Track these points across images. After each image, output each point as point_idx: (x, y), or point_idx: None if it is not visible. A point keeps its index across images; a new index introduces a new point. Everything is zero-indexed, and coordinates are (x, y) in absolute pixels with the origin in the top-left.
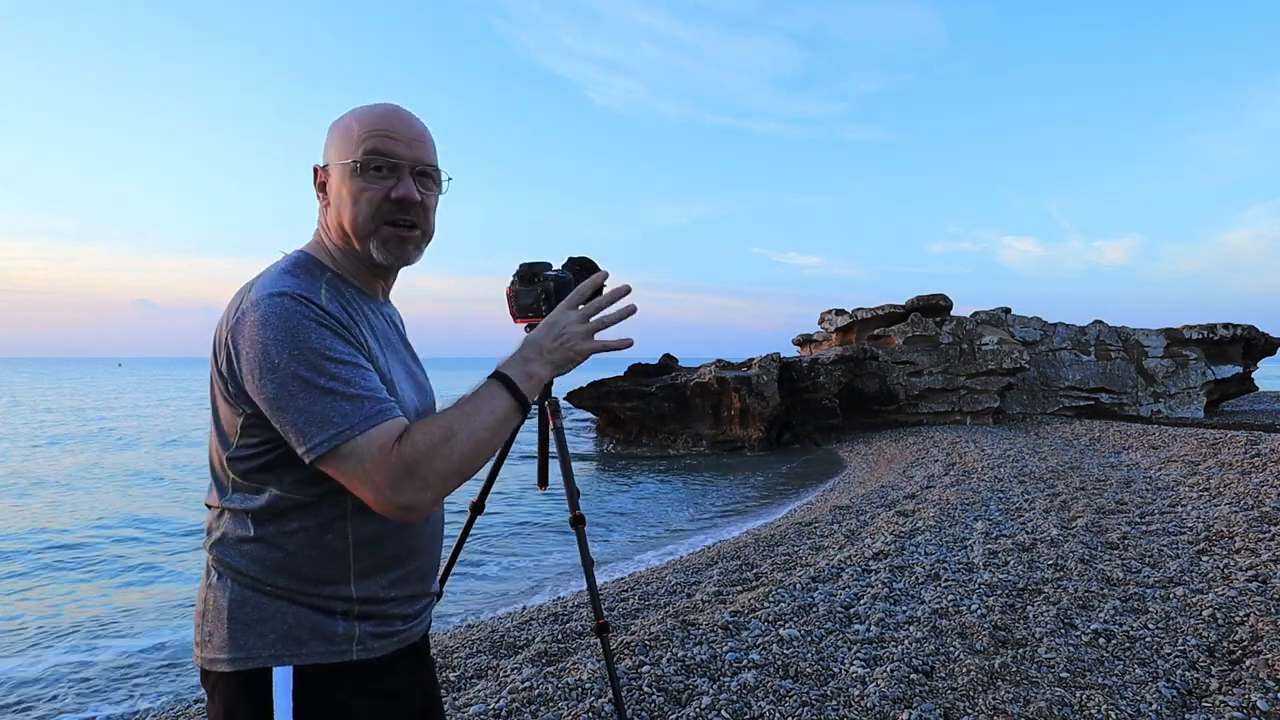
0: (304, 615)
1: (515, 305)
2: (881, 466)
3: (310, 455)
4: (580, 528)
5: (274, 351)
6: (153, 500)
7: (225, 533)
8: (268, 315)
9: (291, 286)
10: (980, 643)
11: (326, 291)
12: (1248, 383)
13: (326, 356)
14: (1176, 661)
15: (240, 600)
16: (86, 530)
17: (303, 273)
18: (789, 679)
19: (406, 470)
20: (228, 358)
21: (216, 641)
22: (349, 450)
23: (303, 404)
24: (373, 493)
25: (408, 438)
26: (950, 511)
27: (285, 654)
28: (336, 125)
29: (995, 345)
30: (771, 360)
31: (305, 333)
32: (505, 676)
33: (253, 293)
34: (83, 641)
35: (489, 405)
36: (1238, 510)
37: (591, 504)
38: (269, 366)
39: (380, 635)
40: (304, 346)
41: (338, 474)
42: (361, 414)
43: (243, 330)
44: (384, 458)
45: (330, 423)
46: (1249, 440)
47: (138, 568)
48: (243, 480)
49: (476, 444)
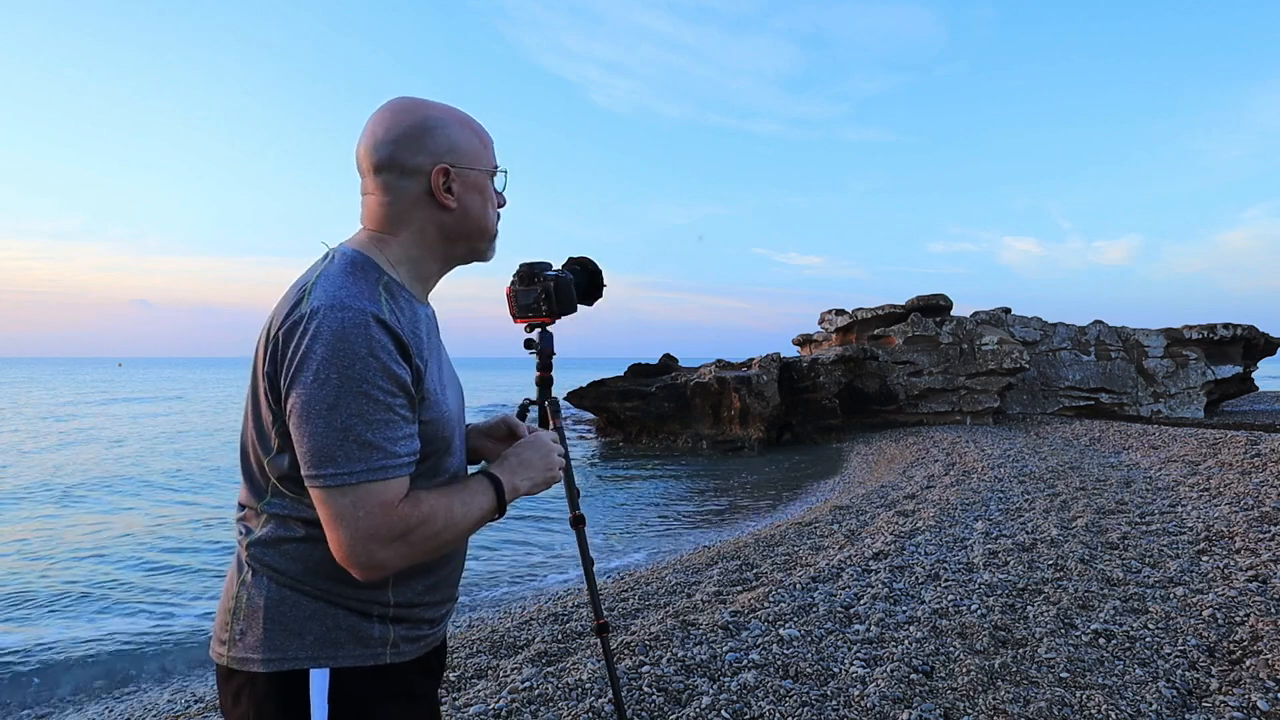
0: (342, 618)
1: (515, 305)
2: (881, 466)
3: (310, 483)
4: (580, 528)
5: (319, 367)
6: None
7: (266, 533)
8: (326, 328)
9: (356, 298)
10: (980, 643)
11: (386, 301)
12: (1248, 383)
13: (363, 391)
14: (1176, 661)
15: (279, 600)
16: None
17: (363, 278)
18: (789, 679)
19: (403, 532)
20: (273, 359)
21: (250, 641)
22: (350, 491)
23: (320, 429)
24: (352, 540)
25: (415, 502)
26: (950, 511)
27: (323, 656)
28: (451, 126)
29: (995, 345)
30: (771, 360)
31: (355, 358)
32: (505, 676)
33: (313, 298)
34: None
35: (479, 502)
36: (1238, 510)
37: (592, 504)
38: (307, 379)
39: (411, 639)
40: (346, 373)
41: (325, 507)
42: (365, 464)
43: (295, 336)
44: (385, 513)
45: (334, 460)
46: (1249, 440)
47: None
48: (283, 485)
49: (457, 533)
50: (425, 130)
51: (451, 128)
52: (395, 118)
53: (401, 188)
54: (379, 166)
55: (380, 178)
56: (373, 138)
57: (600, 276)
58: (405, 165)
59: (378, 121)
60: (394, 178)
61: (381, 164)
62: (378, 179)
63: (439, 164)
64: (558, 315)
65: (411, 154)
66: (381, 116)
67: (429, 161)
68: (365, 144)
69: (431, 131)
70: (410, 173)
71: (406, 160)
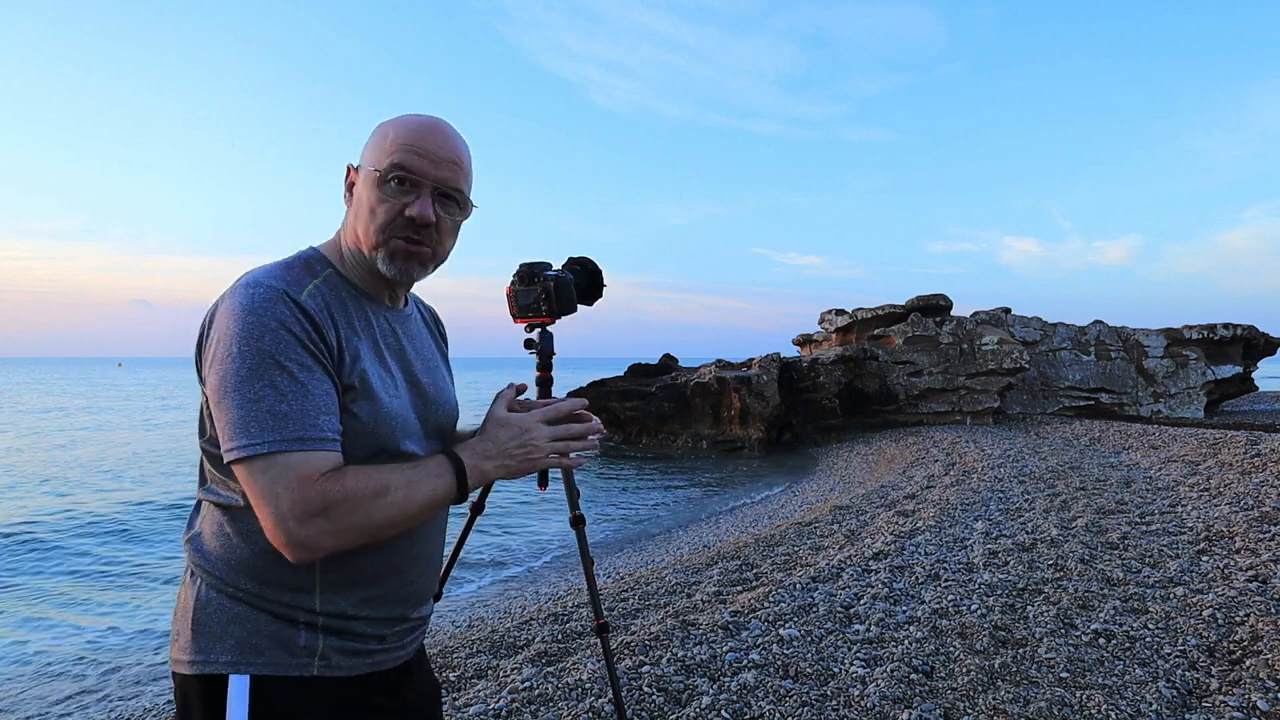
0: (265, 623)
1: (515, 305)
2: (881, 466)
3: (227, 458)
4: (580, 528)
5: (230, 342)
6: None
7: (199, 529)
8: (238, 304)
9: (275, 278)
10: (980, 643)
11: (315, 288)
12: (1248, 383)
13: (275, 361)
14: (1176, 661)
15: (205, 601)
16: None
17: (299, 268)
18: (789, 679)
19: (322, 508)
20: (199, 341)
21: (182, 641)
22: (267, 464)
23: (234, 403)
24: (274, 518)
25: (338, 477)
26: (950, 511)
27: (243, 662)
28: (377, 129)
29: (995, 345)
30: (771, 360)
31: (264, 330)
32: (505, 676)
33: (234, 284)
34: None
35: (431, 484)
36: (1238, 510)
37: (592, 504)
38: (220, 355)
39: (349, 653)
40: (256, 345)
41: (247, 485)
42: (279, 434)
43: (216, 314)
44: (302, 487)
45: (248, 431)
46: (1249, 440)
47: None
48: (216, 471)
49: (402, 513)
50: (371, 134)
51: (377, 131)
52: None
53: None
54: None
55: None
56: None
57: (600, 276)
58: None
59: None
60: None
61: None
62: None
63: (355, 163)
64: (558, 315)
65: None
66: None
67: (354, 164)
68: None
69: (370, 135)
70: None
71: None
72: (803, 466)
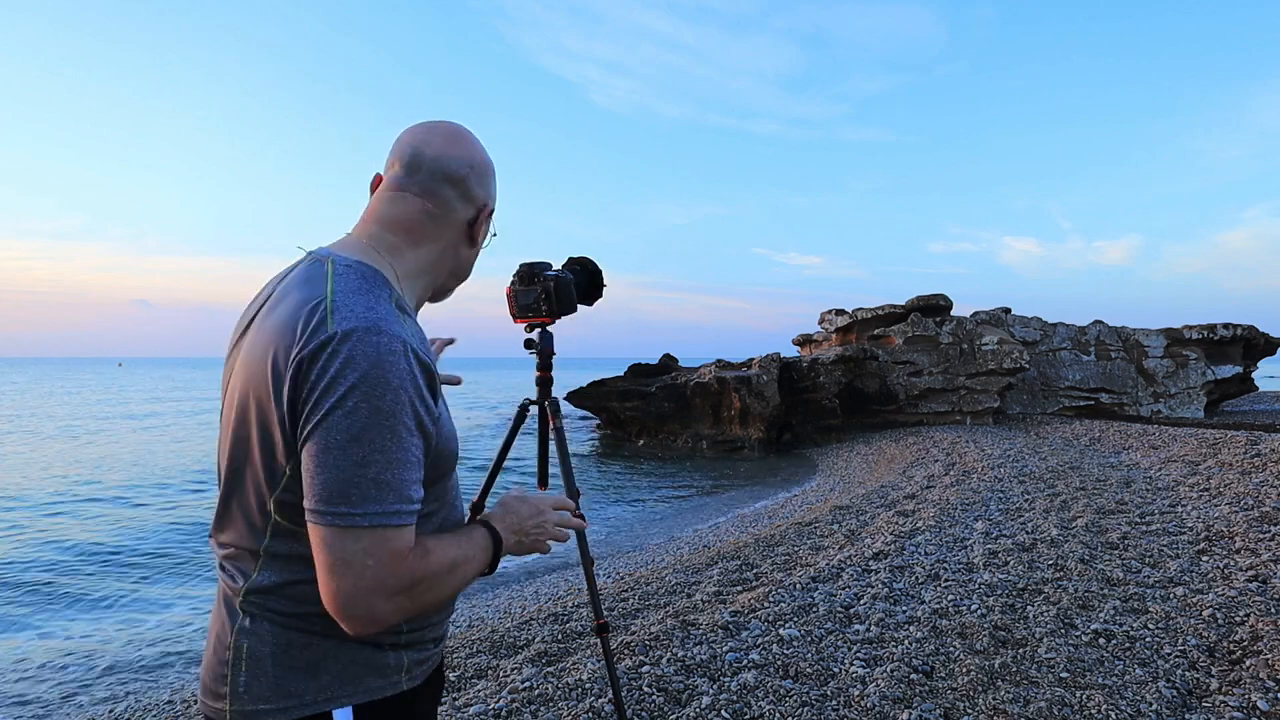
0: (357, 652)
1: (515, 305)
2: (881, 466)
3: (313, 520)
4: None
5: (348, 395)
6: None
7: (267, 578)
8: (360, 354)
9: (388, 322)
10: (980, 643)
11: (412, 325)
12: (1248, 383)
13: (388, 424)
14: (1176, 661)
15: (287, 643)
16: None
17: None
18: (789, 679)
19: (410, 585)
20: (293, 384)
21: (258, 690)
22: (363, 536)
23: (337, 462)
24: (352, 589)
25: (424, 553)
26: (950, 511)
27: (343, 695)
28: (485, 160)
29: (995, 345)
30: (771, 360)
31: (386, 388)
32: (505, 676)
33: (339, 319)
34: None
35: (480, 557)
36: (1238, 510)
37: (591, 504)
38: (333, 408)
39: (420, 661)
40: (377, 405)
41: (325, 550)
42: (380, 506)
43: (323, 359)
44: (395, 564)
45: (347, 499)
46: (1249, 440)
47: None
48: (288, 522)
49: (460, 587)
50: (489, 170)
51: (492, 173)
52: (474, 147)
53: (454, 208)
54: (451, 179)
55: (443, 189)
56: (452, 150)
57: (600, 276)
58: (470, 191)
59: (455, 139)
60: (455, 195)
61: (454, 178)
62: (439, 188)
63: (490, 205)
64: (558, 315)
65: (479, 183)
66: (461, 135)
67: (483, 197)
68: (441, 152)
69: (492, 173)
70: (470, 200)
71: (474, 187)
72: (803, 466)
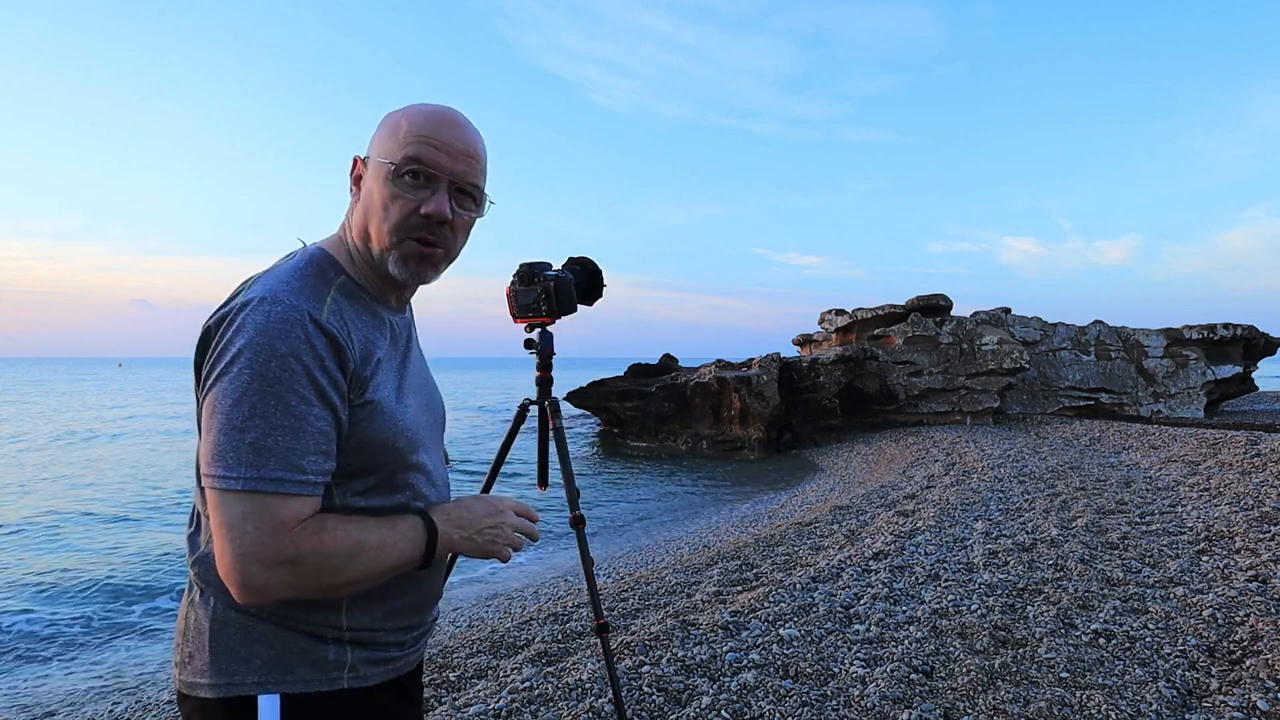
0: (292, 640)
1: (515, 305)
2: (881, 466)
3: (204, 481)
4: (580, 528)
5: (234, 360)
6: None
7: (208, 548)
8: (251, 321)
9: (294, 294)
10: (980, 643)
11: (334, 301)
12: (1248, 383)
13: (274, 391)
14: (1176, 661)
15: (224, 620)
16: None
17: (314, 277)
18: (789, 679)
19: (293, 558)
20: (199, 352)
21: (197, 664)
22: (239, 499)
23: (219, 425)
24: (235, 555)
25: (317, 529)
26: (950, 511)
27: (271, 681)
28: (387, 119)
29: (995, 345)
30: (771, 360)
31: (272, 355)
32: (505, 676)
33: (252, 289)
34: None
35: (401, 548)
36: (1238, 510)
37: (591, 504)
38: (220, 372)
39: (374, 661)
40: (260, 370)
41: (213, 512)
42: (255, 471)
43: (222, 327)
44: (276, 533)
45: (224, 460)
46: (1249, 440)
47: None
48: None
49: (366, 576)
50: (388, 124)
51: (389, 121)
52: (398, 111)
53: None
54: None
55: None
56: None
57: (600, 276)
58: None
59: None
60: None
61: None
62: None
63: (371, 155)
64: (558, 315)
65: (374, 138)
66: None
67: (372, 149)
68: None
69: (379, 125)
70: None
71: (371, 142)
72: (802, 466)
